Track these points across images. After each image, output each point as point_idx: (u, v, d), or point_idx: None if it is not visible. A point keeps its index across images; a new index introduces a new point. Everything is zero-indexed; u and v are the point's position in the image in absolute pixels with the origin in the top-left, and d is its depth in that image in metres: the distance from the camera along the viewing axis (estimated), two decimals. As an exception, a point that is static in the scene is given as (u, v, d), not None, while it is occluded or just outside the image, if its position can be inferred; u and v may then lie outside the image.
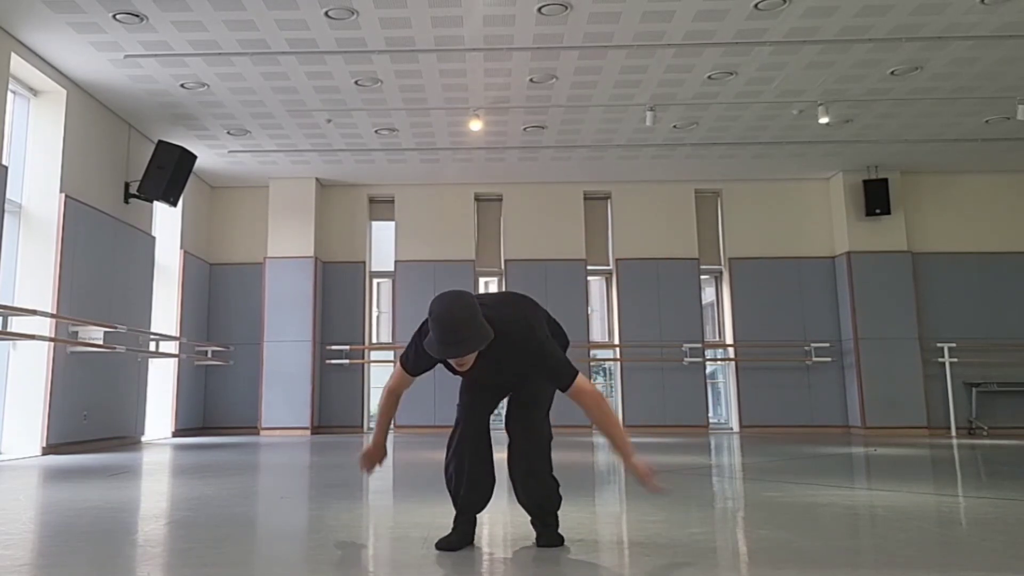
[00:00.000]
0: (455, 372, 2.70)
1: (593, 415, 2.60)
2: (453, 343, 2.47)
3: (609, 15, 6.63)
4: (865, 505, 3.74)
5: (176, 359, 10.10)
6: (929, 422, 10.64)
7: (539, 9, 6.50)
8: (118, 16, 6.52)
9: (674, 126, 9.34)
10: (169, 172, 8.81)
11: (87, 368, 7.98)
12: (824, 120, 8.62)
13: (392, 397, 2.88)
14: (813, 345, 11.11)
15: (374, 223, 11.84)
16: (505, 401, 2.91)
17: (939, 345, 10.72)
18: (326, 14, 6.54)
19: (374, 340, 11.63)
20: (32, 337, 6.64)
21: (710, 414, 11.29)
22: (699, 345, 11.14)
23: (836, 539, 2.85)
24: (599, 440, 8.98)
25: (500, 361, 2.63)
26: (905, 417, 10.61)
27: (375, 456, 2.91)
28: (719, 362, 11.86)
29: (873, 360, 10.72)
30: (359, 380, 11.28)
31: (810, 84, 8.13)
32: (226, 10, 6.46)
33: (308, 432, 10.55)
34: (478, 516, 2.87)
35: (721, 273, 11.64)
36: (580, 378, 2.58)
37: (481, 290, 11.51)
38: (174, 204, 9.08)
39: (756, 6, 6.50)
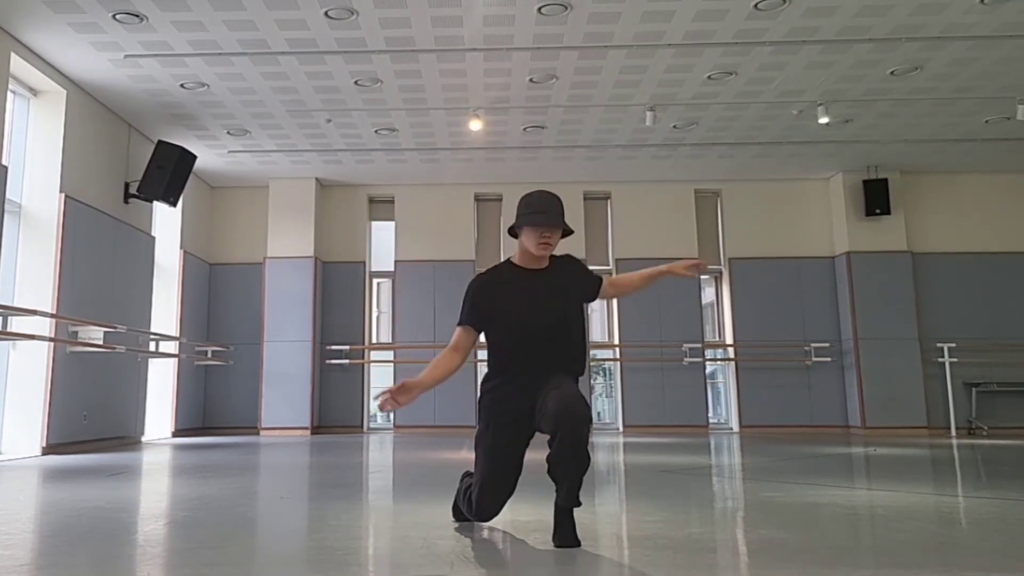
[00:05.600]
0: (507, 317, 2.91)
1: (629, 285, 3.19)
2: (552, 211, 2.86)
3: (609, 15, 6.63)
4: (865, 505, 3.74)
5: (176, 359, 10.10)
6: (929, 422, 10.63)
7: (539, 9, 6.50)
8: (118, 16, 6.52)
9: (674, 126, 9.34)
10: (169, 172, 8.81)
11: (87, 368, 7.98)
12: (824, 120, 8.62)
13: (453, 355, 2.93)
14: (813, 345, 11.11)
15: (374, 223, 11.84)
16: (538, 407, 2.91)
17: (939, 345, 10.72)
18: (326, 14, 6.54)
19: (374, 340, 11.62)
20: (32, 337, 6.64)
21: (710, 414, 11.29)
22: (699, 345, 11.14)
23: (836, 539, 2.85)
24: (599, 440, 8.98)
25: (562, 278, 2.99)
26: (905, 417, 10.60)
27: (407, 392, 2.79)
28: (719, 362, 11.85)
29: (873, 360, 10.72)
30: (359, 380, 11.28)
31: (810, 84, 8.13)
32: (226, 10, 6.46)
33: (308, 432, 10.55)
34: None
35: (721, 273, 11.64)
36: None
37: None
38: (174, 204, 9.08)
39: (756, 6, 6.50)
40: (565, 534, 2.74)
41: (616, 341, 11.28)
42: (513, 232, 3.01)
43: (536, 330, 2.93)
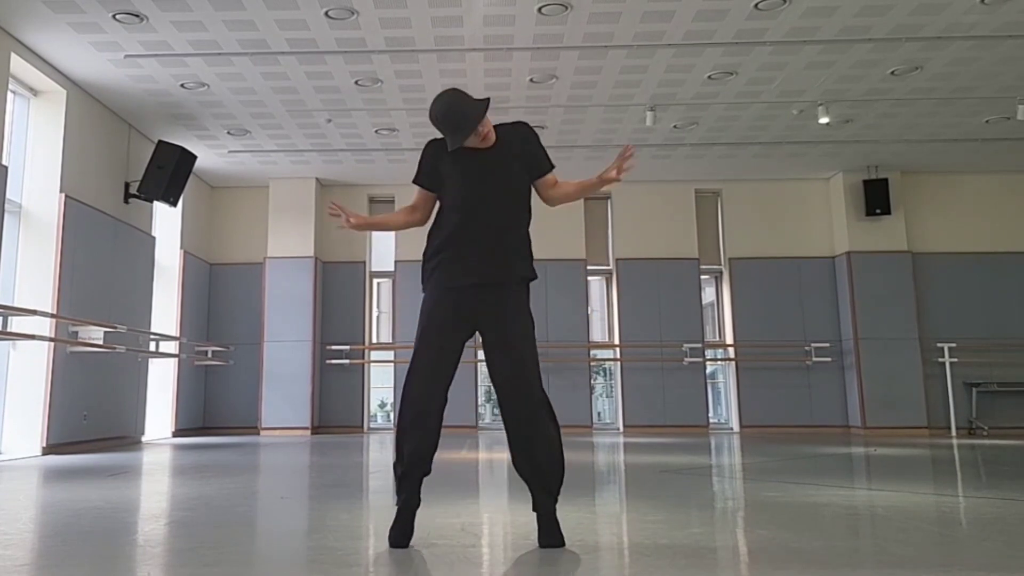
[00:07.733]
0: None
1: (565, 196, 2.99)
2: (456, 131, 2.73)
3: (609, 15, 6.63)
4: (865, 505, 3.74)
5: (176, 359, 10.10)
6: (929, 422, 10.64)
7: (539, 9, 6.50)
8: (118, 16, 6.52)
9: (674, 126, 9.34)
10: (169, 172, 8.81)
11: (87, 368, 7.98)
12: (824, 120, 8.62)
13: (409, 211, 2.99)
14: (813, 345, 11.11)
15: (374, 223, 11.82)
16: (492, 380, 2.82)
17: (939, 345, 10.72)
18: (326, 14, 6.54)
19: (374, 340, 11.63)
20: (32, 337, 6.64)
21: (710, 414, 11.29)
22: (699, 345, 11.14)
23: (836, 539, 2.85)
24: (598, 440, 8.98)
25: (509, 149, 2.89)
26: (905, 417, 10.61)
27: (358, 221, 2.98)
28: (719, 362, 11.86)
29: (873, 360, 10.72)
30: (359, 380, 11.28)
31: (810, 84, 8.13)
32: (226, 10, 6.46)
33: (308, 432, 10.56)
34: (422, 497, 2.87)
35: (721, 273, 11.64)
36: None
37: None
38: (174, 204, 9.08)
39: (756, 6, 6.51)
40: (551, 534, 2.76)
41: (616, 341, 11.28)
42: None
43: (482, 201, 2.80)
